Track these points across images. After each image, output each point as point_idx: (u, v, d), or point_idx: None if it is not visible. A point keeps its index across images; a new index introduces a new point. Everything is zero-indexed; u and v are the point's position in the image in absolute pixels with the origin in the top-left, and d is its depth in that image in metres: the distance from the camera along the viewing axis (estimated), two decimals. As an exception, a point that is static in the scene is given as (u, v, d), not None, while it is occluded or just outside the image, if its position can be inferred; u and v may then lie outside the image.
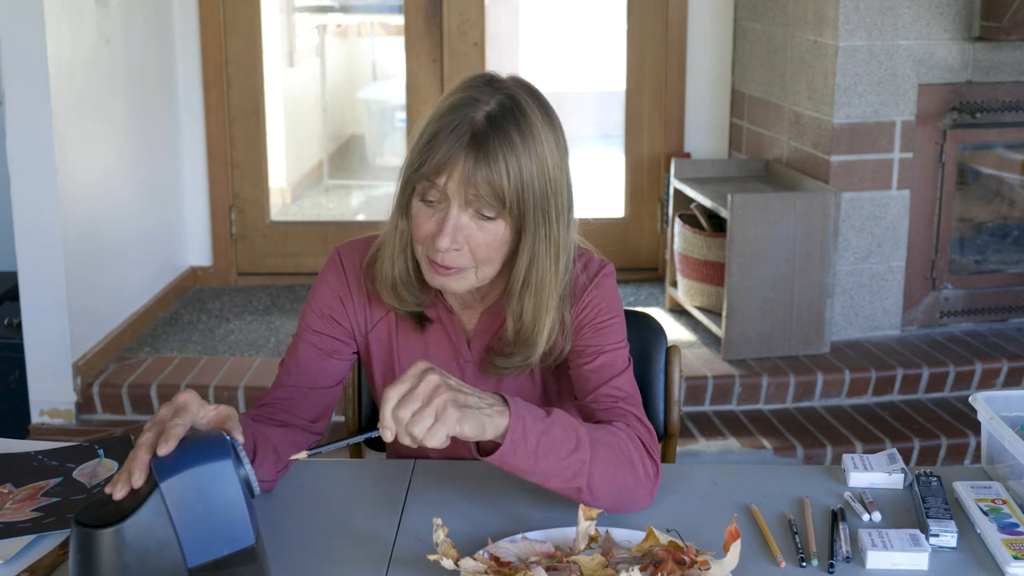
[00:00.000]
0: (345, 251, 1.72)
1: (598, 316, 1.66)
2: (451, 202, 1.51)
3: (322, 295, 1.70)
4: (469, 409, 1.37)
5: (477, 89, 1.54)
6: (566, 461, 1.45)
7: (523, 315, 1.59)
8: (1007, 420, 1.61)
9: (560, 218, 1.56)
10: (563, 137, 1.59)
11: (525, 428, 1.42)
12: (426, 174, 1.50)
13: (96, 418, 3.58)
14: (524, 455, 1.42)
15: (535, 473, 1.45)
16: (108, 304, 3.82)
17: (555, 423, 1.46)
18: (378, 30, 6.15)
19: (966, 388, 3.74)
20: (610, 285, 1.69)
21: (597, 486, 1.48)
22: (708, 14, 4.43)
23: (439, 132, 1.50)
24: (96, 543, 1.20)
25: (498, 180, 1.48)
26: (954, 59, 3.79)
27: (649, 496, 1.55)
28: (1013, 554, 1.41)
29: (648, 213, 4.61)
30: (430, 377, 1.36)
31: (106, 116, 3.77)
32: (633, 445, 1.54)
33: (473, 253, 1.54)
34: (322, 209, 5.50)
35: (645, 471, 1.54)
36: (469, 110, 1.50)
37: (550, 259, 1.57)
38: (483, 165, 1.48)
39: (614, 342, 1.66)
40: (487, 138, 1.49)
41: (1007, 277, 4.06)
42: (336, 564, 1.42)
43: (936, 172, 3.88)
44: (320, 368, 1.68)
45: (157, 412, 1.32)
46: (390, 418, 1.34)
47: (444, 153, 1.48)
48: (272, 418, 1.64)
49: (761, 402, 3.66)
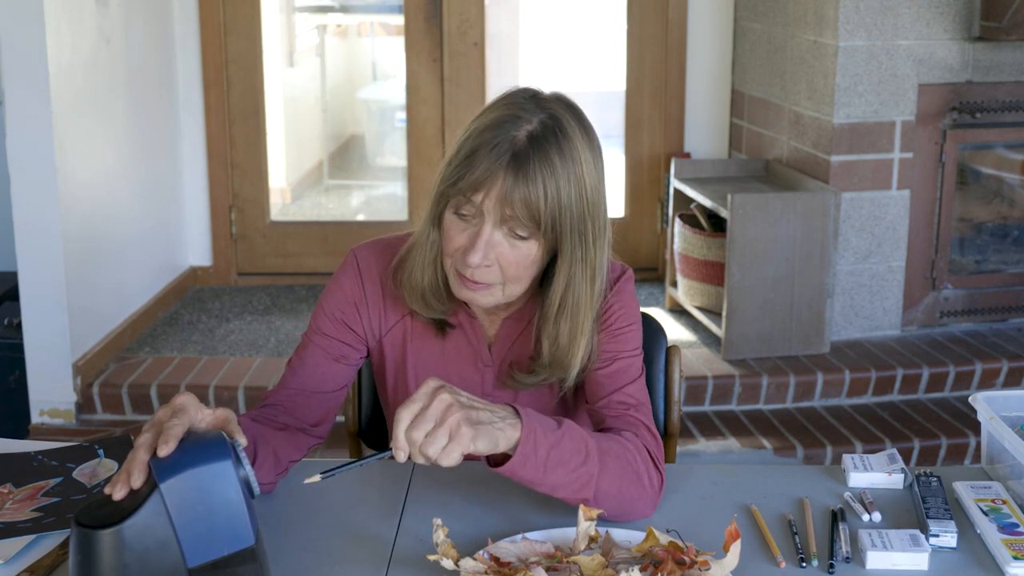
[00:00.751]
0: (362, 254, 1.69)
1: (616, 322, 1.65)
2: (485, 219, 1.49)
3: (335, 299, 1.68)
4: (482, 425, 1.37)
5: (519, 106, 1.52)
6: (575, 474, 1.45)
7: (559, 338, 1.58)
8: (1007, 420, 1.61)
9: (597, 241, 1.56)
10: (601, 158, 1.58)
11: (536, 441, 1.41)
12: (463, 189, 1.49)
13: (96, 418, 3.58)
14: (534, 467, 1.42)
15: (543, 484, 1.45)
16: (108, 304, 3.82)
17: (565, 435, 1.45)
18: (378, 30, 6.15)
19: (966, 388, 3.74)
20: (630, 291, 1.69)
21: (603, 497, 1.48)
22: (708, 14, 4.43)
23: (479, 148, 1.48)
24: (96, 543, 1.20)
25: (535, 201, 1.47)
26: (954, 59, 3.78)
27: (652, 506, 1.55)
28: (1013, 554, 1.41)
29: (648, 213, 4.61)
30: (442, 396, 1.35)
31: (106, 116, 3.77)
32: (640, 456, 1.54)
33: (503, 271, 1.53)
34: (322, 209, 5.50)
35: (650, 481, 1.54)
36: (511, 128, 1.49)
37: (586, 282, 1.56)
38: (521, 185, 1.47)
39: (630, 349, 1.65)
40: (527, 158, 1.47)
41: (1007, 277, 4.06)
42: (336, 564, 1.42)
43: (936, 172, 3.88)
44: (325, 372, 1.67)
45: (155, 414, 1.32)
46: (403, 439, 1.33)
47: (483, 170, 1.47)
48: (273, 420, 1.63)
49: (761, 402, 3.66)
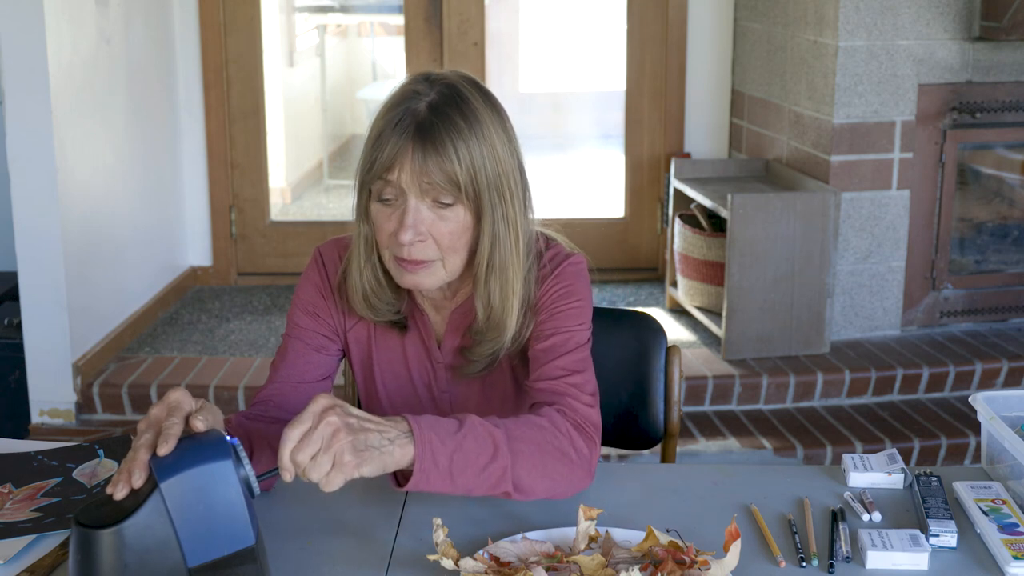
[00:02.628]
0: (325, 250, 1.75)
1: (556, 301, 1.64)
2: (407, 195, 1.52)
3: (305, 292, 1.73)
4: (369, 451, 1.34)
5: (416, 84, 1.57)
6: (485, 473, 1.43)
7: (491, 299, 1.60)
8: (1007, 420, 1.61)
9: (515, 199, 1.58)
10: (508, 121, 1.61)
11: (434, 452, 1.39)
12: (378, 172, 1.52)
13: (96, 418, 3.58)
14: (438, 479, 1.40)
15: (455, 490, 1.43)
16: (108, 304, 3.82)
17: (467, 436, 1.42)
18: (378, 30, 6.16)
19: (966, 388, 3.74)
20: (574, 273, 1.66)
21: (526, 484, 1.46)
22: (708, 14, 4.43)
23: (384, 129, 1.52)
24: (96, 543, 1.20)
25: (449, 165, 1.50)
26: (954, 59, 3.78)
27: (588, 475, 1.52)
28: (1013, 554, 1.41)
29: (648, 213, 4.61)
30: (329, 419, 1.32)
31: (106, 116, 3.77)
32: (562, 430, 1.51)
33: (438, 243, 1.55)
34: (322, 209, 5.50)
35: (577, 452, 1.51)
36: (411, 103, 1.53)
37: (510, 240, 1.58)
38: (432, 153, 1.50)
39: (570, 324, 1.63)
40: (432, 126, 1.50)
41: (1007, 277, 4.06)
42: (336, 564, 1.42)
43: (936, 172, 3.88)
44: (307, 363, 1.70)
45: (149, 412, 1.31)
46: (288, 460, 1.31)
47: (392, 147, 1.50)
48: (265, 415, 1.65)
49: (761, 402, 3.65)
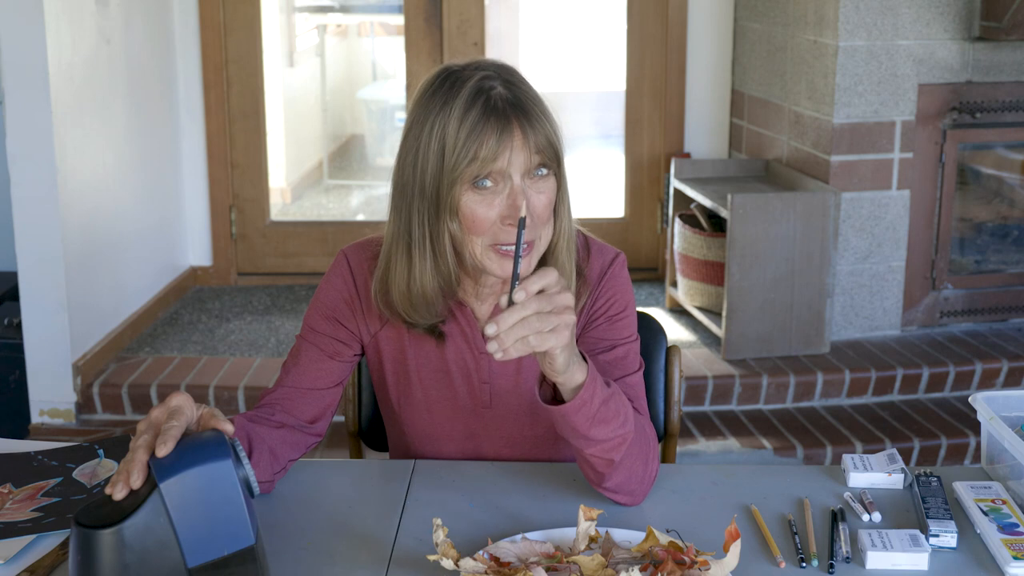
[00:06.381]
0: (352, 254, 1.69)
1: (613, 307, 1.65)
2: (511, 177, 1.49)
3: (328, 297, 1.68)
4: (573, 345, 1.39)
5: (468, 72, 1.52)
6: (614, 433, 1.47)
7: (563, 269, 1.58)
8: (1007, 420, 1.61)
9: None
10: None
11: (595, 390, 1.44)
12: (486, 161, 1.47)
13: (96, 418, 3.58)
14: (586, 416, 1.44)
15: (583, 437, 1.46)
16: (108, 304, 3.82)
17: (615, 393, 1.48)
18: (378, 30, 6.16)
19: (966, 388, 3.74)
20: (625, 276, 1.69)
21: (624, 464, 1.50)
22: (708, 14, 4.43)
23: (477, 121, 1.47)
24: (96, 543, 1.20)
25: (550, 129, 1.51)
26: (954, 59, 3.79)
27: (644, 494, 1.56)
28: (1013, 554, 1.41)
29: (648, 213, 4.61)
30: (568, 295, 1.36)
31: (106, 116, 3.77)
32: (653, 442, 1.57)
33: (537, 219, 1.51)
34: (322, 209, 5.50)
35: (648, 469, 1.55)
36: (483, 89, 1.49)
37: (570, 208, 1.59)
38: (535, 122, 1.49)
39: (627, 336, 1.66)
40: (522, 100, 1.50)
41: (1007, 277, 4.06)
42: (336, 564, 1.42)
43: (936, 172, 3.88)
44: (319, 369, 1.66)
45: (149, 414, 1.30)
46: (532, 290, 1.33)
47: (497, 132, 1.47)
48: (270, 418, 1.62)
49: (761, 402, 3.66)
